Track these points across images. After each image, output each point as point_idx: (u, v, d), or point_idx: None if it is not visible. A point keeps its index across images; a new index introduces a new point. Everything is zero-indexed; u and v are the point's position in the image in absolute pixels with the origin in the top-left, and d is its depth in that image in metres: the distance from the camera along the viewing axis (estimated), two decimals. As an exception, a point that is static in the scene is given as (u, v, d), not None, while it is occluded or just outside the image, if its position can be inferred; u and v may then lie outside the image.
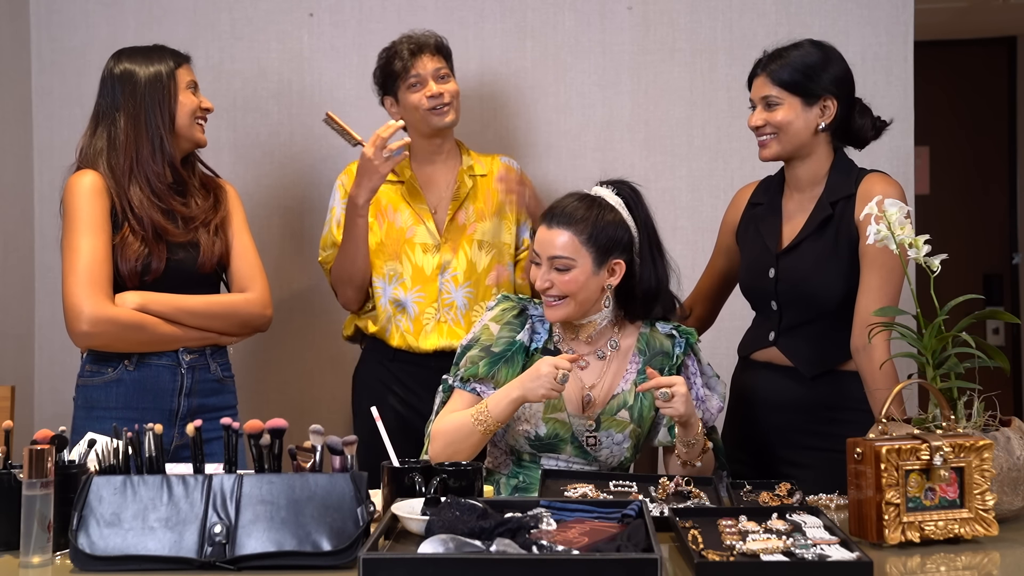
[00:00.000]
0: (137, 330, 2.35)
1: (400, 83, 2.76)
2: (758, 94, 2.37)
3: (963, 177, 5.01)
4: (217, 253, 2.48)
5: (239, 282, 2.51)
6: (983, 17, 4.60)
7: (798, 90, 2.31)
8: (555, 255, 2.18)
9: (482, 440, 2.13)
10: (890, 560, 1.67)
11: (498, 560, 1.49)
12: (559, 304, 2.19)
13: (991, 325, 4.88)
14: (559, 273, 2.18)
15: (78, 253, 2.34)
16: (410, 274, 2.76)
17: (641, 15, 3.19)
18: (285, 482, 1.69)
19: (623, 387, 2.23)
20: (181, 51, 2.54)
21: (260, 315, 2.52)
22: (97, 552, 1.62)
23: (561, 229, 2.19)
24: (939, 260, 1.90)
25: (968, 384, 1.87)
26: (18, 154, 3.22)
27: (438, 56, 2.77)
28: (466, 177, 2.84)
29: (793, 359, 2.35)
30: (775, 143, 2.35)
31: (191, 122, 2.48)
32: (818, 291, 2.32)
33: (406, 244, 2.77)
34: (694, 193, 3.17)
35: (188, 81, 2.49)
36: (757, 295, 2.44)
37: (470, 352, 2.24)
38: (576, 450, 2.19)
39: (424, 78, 2.73)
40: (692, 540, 1.66)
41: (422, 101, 2.73)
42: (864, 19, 3.12)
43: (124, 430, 1.78)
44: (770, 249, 2.39)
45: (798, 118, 2.32)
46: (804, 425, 2.33)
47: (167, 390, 2.42)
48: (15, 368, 3.14)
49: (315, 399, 3.23)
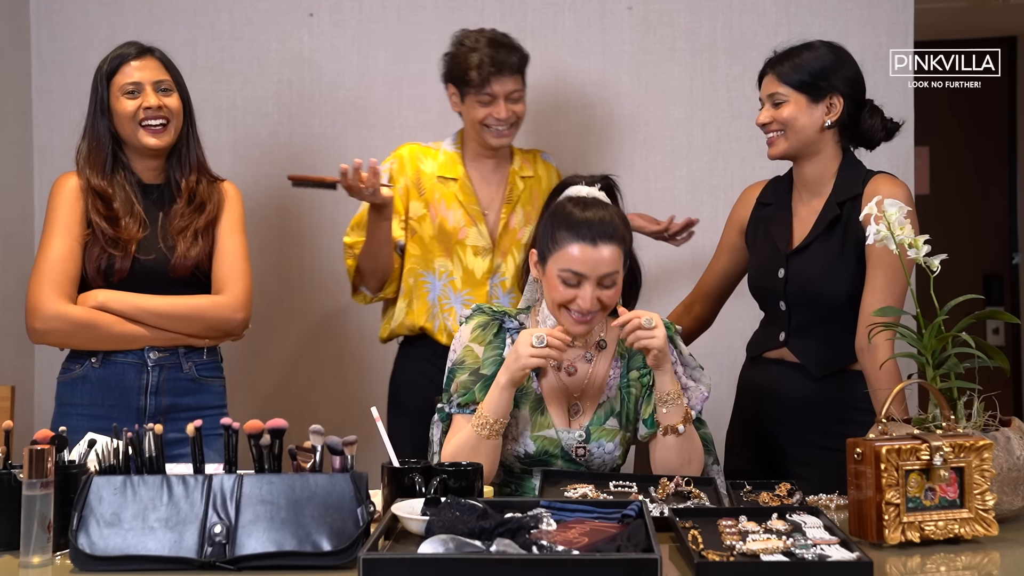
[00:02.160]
0: (89, 328, 2.36)
1: (470, 90, 2.68)
2: (766, 92, 2.38)
3: (963, 177, 5.01)
4: (194, 257, 2.43)
5: (217, 283, 2.47)
6: (983, 17, 4.60)
7: (804, 87, 2.33)
8: (606, 273, 2.08)
9: (492, 448, 2.09)
10: (890, 560, 1.67)
11: (498, 560, 1.49)
12: (590, 319, 2.11)
13: (991, 325, 4.88)
14: (605, 290, 2.09)
15: (46, 253, 2.37)
16: (460, 276, 2.74)
17: (641, 15, 3.19)
18: (285, 482, 1.69)
19: (608, 394, 2.20)
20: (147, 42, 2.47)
21: (228, 319, 2.44)
22: (97, 552, 1.62)
23: (608, 245, 2.08)
24: (939, 260, 1.90)
25: (968, 384, 1.87)
26: (18, 154, 3.22)
27: (517, 76, 2.69)
28: (518, 179, 2.81)
29: (803, 359, 2.36)
30: (782, 140, 2.36)
31: (132, 128, 2.41)
32: (826, 292, 2.32)
33: (458, 245, 2.74)
34: (694, 193, 3.17)
35: (124, 84, 2.40)
36: (766, 295, 2.44)
37: (460, 378, 2.19)
38: (567, 464, 2.17)
39: (497, 97, 2.67)
40: (692, 540, 1.66)
41: (487, 119, 2.68)
42: (864, 19, 3.12)
43: (124, 430, 1.78)
44: (780, 249, 2.40)
45: (803, 114, 2.33)
46: (815, 423, 2.34)
47: (132, 388, 2.41)
48: (15, 368, 3.14)
49: (315, 399, 3.23)
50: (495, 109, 2.67)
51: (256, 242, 3.17)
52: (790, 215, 2.43)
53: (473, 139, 2.77)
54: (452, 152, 2.80)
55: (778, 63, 2.36)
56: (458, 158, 2.79)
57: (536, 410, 2.17)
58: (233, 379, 2.63)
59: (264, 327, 3.11)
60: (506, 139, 2.73)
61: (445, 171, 2.77)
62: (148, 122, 2.42)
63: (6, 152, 3.17)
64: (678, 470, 2.11)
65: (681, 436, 2.12)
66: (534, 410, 2.17)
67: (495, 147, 2.74)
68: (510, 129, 2.72)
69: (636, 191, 3.17)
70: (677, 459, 2.13)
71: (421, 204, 2.75)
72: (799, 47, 2.37)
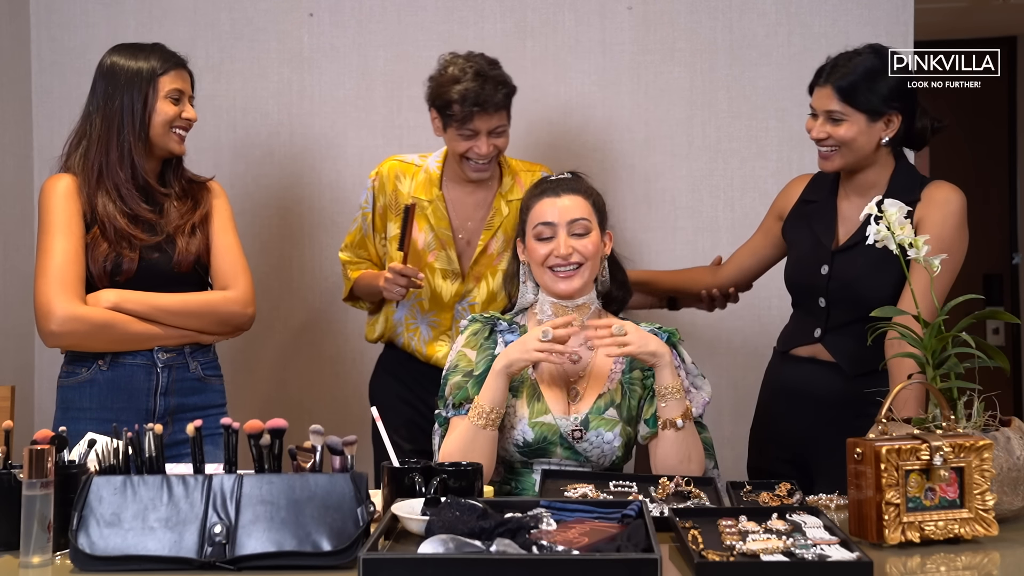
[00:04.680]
0: (107, 328, 2.34)
1: (452, 123, 2.59)
2: (822, 106, 2.34)
3: (963, 177, 4.99)
4: (194, 252, 2.43)
5: (220, 280, 2.48)
6: (983, 17, 4.60)
7: (863, 107, 2.31)
8: (575, 218, 2.20)
9: (489, 440, 2.11)
10: (890, 560, 1.67)
11: (498, 560, 1.49)
12: (576, 273, 2.20)
13: (991, 325, 4.88)
14: (578, 239, 2.20)
15: (50, 254, 2.34)
16: (428, 296, 2.71)
17: (641, 15, 3.19)
18: (285, 482, 1.69)
19: (609, 386, 2.22)
20: (180, 54, 2.48)
21: (240, 313, 2.46)
22: (97, 552, 1.62)
23: (570, 195, 2.23)
24: (939, 260, 1.91)
25: (968, 384, 1.87)
26: (18, 154, 3.23)
27: (502, 111, 2.61)
28: (503, 204, 2.72)
29: (837, 357, 2.37)
30: (838, 157, 2.35)
31: (165, 131, 2.42)
32: (867, 293, 2.31)
33: (426, 267, 2.70)
34: (694, 193, 3.17)
35: (171, 89, 2.42)
36: (804, 291, 2.45)
37: (453, 380, 2.22)
38: (567, 451, 2.18)
39: (479, 133, 2.59)
40: (692, 540, 1.66)
41: (469, 152, 2.61)
42: (864, 19, 3.12)
43: (124, 430, 1.78)
44: (825, 245, 2.40)
45: (862, 134, 2.32)
46: (849, 420, 2.33)
47: (142, 390, 2.40)
48: (15, 368, 3.14)
49: (315, 399, 3.23)
50: (476, 144, 2.59)
51: (256, 242, 3.18)
52: (835, 213, 2.43)
53: (455, 163, 2.71)
54: (433, 172, 2.73)
55: (837, 77, 2.31)
56: (437, 179, 2.72)
57: (533, 397, 2.19)
58: (233, 379, 2.63)
59: (264, 326, 3.11)
60: (485, 173, 2.66)
61: (420, 192, 2.71)
62: (179, 131, 2.45)
63: (6, 152, 3.17)
64: (677, 468, 2.11)
65: (680, 432, 2.13)
66: (531, 397, 2.19)
67: (474, 180, 2.69)
68: (490, 164, 2.65)
69: (636, 191, 3.18)
70: (676, 455, 2.13)
71: (396, 224, 2.71)
72: (853, 58, 2.33)
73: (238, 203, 2.89)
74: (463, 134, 2.59)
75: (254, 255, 2.82)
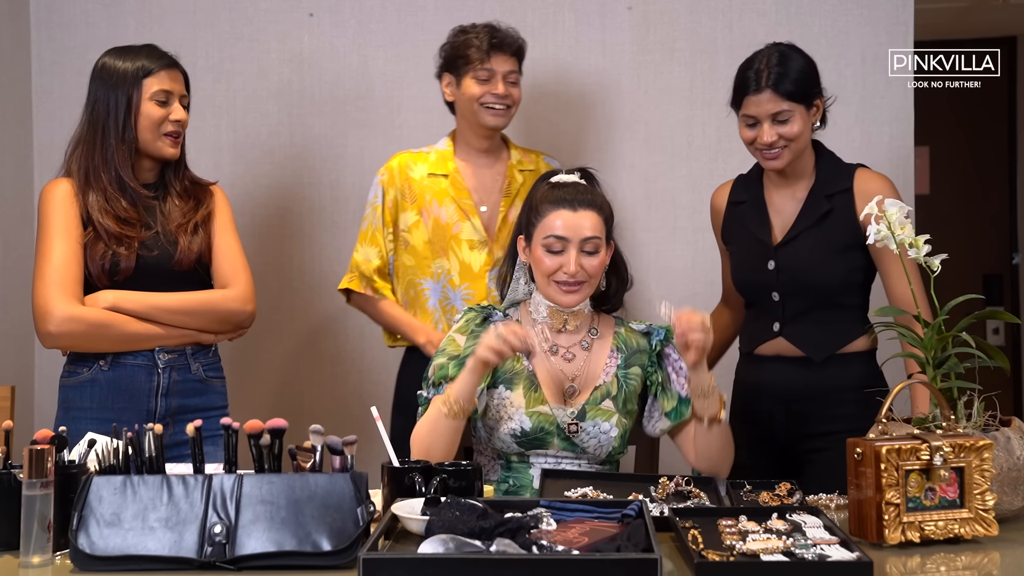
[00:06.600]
0: (105, 328, 2.33)
1: (468, 69, 2.71)
2: (765, 111, 2.34)
3: (963, 177, 5.00)
4: (196, 251, 2.43)
5: (221, 278, 2.48)
6: (983, 17, 4.59)
7: (802, 98, 2.34)
8: (588, 237, 2.18)
9: (451, 429, 2.09)
10: (890, 560, 1.67)
11: (498, 560, 1.49)
12: (579, 288, 2.19)
13: (991, 325, 4.88)
14: (588, 257, 2.18)
15: (48, 257, 2.34)
16: (458, 271, 2.73)
17: (641, 15, 3.19)
18: (285, 482, 1.69)
19: (604, 379, 2.23)
20: (172, 53, 2.46)
21: (239, 310, 2.46)
22: (97, 552, 1.62)
23: (587, 210, 2.19)
24: (939, 260, 1.91)
25: (968, 384, 1.87)
26: (18, 154, 3.23)
27: (515, 59, 2.74)
28: (516, 172, 2.81)
29: (801, 346, 2.40)
30: (787, 153, 2.38)
31: (154, 136, 2.40)
32: (820, 280, 2.37)
33: (452, 240, 2.74)
34: (694, 193, 3.16)
35: (157, 91, 2.39)
36: (755, 289, 2.47)
37: (437, 360, 2.22)
38: (563, 443, 2.18)
39: (496, 75, 2.70)
40: (692, 540, 1.66)
41: (485, 96, 2.70)
42: (864, 19, 3.12)
43: (124, 430, 1.78)
44: (765, 242, 2.43)
45: (805, 125, 2.37)
46: (820, 410, 2.38)
47: (143, 390, 2.39)
48: (15, 368, 3.14)
49: (315, 399, 3.23)
50: (493, 86, 2.69)
51: (256, 242, 3.18)
52: (765, 208, 2.46)
53: (467, 129, 2.77)
54: (444, 150, 2.81)
55: (776, 80, 2.33)
56: (449, 154, 2.79)
57: (530, 388, 2.20)
58: (233, 379, 2.63)
59: (264, 327, 3.11)
60: (502, 119, 2.73)
61: (435, 168, 2.77)
62: (170, 134, 2.42)
63: (6, 152, 3.17)
64: (720, 460, 2.17)
65: (723, 425, 2.18)
66: (528, 388, 2.20)
67: (492, 127, 2.74)
68: (507, 110, 2.72)
69: (636, 191, 3.18)
70: (720, 448, 2.18)
71: (413, 211, 2.75)
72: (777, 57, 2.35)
73: (238, 203, 2.89)
74: (479, 76, 2.69)
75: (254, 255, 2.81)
